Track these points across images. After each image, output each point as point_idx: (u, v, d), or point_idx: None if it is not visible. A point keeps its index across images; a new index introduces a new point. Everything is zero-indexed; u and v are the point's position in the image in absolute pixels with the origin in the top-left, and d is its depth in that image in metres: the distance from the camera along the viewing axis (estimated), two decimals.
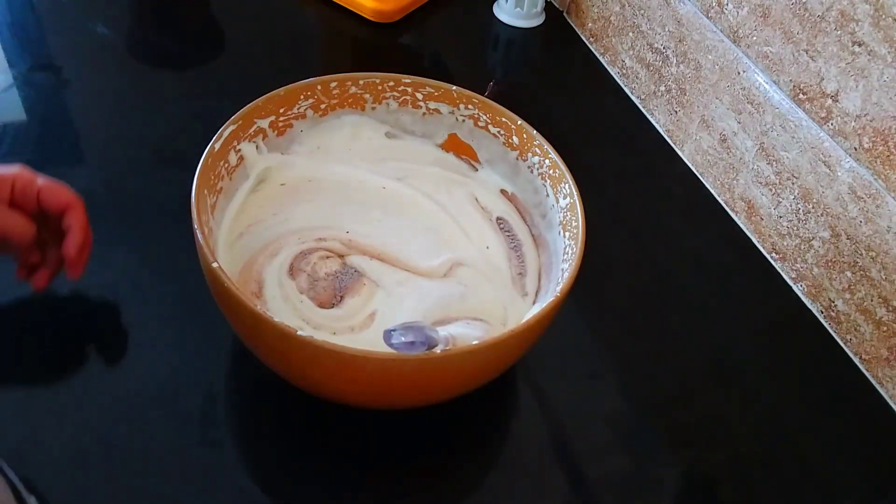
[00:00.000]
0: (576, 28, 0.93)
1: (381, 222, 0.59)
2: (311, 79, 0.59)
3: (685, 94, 0.77)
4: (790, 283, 0.68)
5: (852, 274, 0.62)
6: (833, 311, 0.64)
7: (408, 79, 0.60)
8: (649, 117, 0.83)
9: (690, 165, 0.78)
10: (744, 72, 0.69)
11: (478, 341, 0.44)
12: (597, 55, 0.90)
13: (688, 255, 0.70)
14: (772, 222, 0.69)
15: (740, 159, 0.71)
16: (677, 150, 0.79)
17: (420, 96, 0.61)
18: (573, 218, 0.53)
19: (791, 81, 0.64)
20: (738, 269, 0.70)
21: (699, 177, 0.77)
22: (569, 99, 0.86)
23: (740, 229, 0.72)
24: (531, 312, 0.53)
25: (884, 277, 0.59)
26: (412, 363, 0.44)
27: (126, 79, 0.77)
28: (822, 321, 0.65)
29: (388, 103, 0.62)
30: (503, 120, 0.59)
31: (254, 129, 0.56)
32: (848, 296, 0.62)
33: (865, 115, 0.58)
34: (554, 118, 0.79)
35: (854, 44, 0.58)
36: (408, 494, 0.50)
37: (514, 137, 0.59)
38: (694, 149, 0.77)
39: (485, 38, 0.92)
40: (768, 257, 0.70)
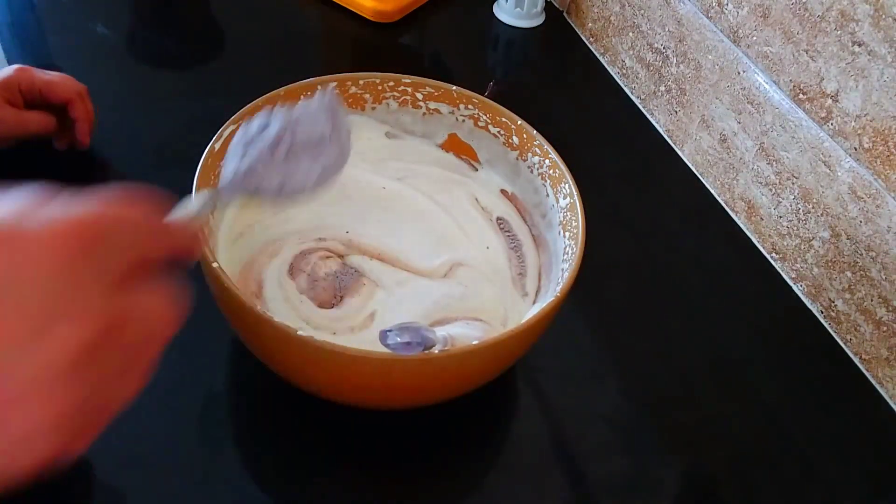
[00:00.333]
0: (576, 28, 0.93)
1: (381, 222, 0.59)
2: (311, 79, 0.59)
3: (685, 94, 0.77)
4: (790, 283, 0.68)
5: (852, 274, 0.62)
6: (833, 311, 0.64)
7: (408, 79, 0.60)
8: (649, 117, 0.83)
9: (690, 165, 0.78)
10: (744, 72, 0.69)
11: (477, 341, 0.44)
12: (597, 55, 0.90)
13: (688, 255, 0.70)
14: (772, 222, 0.69)
15: (740, 159, 0.71)
16: (677, 150, 0.79)
17: (420, 96, 0.61)
18: (573, 218, 0.53)
19: (791, 81, 0.64)
20: (738, 269, 0.70)
21: (699, 177, 0.77)
22: (569, 99, 0.86)
23: (740, 229, 0.72)
24: (531, 312, 0.53)
25: (884, 277, 0.59)
26: (412, 363, 0.44)
27: (126, 79, 0.77)
28: (822, 321, 0.65)
29: (388, 103, 0.62)
30: (503, 120, 0.59)
31: None
32: (848, 296, 0.62)
33: (865, 115, 0.58)
34: (554, 118, 0.79)
35: (854, 44, 0.58)
36: (408, 494, 0.50)
37: (514, 137, 0.59)
38: (694, 149, 0.77)
39: (485, 38, 0.92)
40: (768, 257, 0.70)
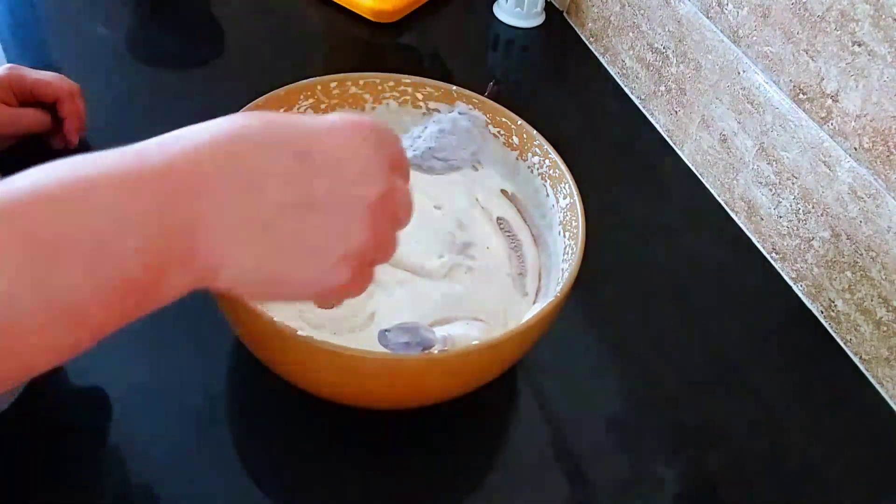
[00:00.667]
0: (576, 28, 0.93)
1: None
2: (311, 79, 0.59)
3: (685, 94, 0.77)
4: (790, 283, 0.68)
5: (852, 274, 0.62)
6: (833, 311, 0.64)
7: (408, 79, 0.60)
8: (649, 117, 0.83)
9: (690, 165, 0.78)
10: (744, 72, 0.69)
11: (477, 342, 0.44)
12: (597, 55, 0.90)
13: (688, 255, 0.70)
14: (772, 222, 0.69)
15: (740, 159, 0.71)
16: (677, 150, 0.79)
17: (420, 96, 0.61)
18: (573, 218, 0.53)
19: (791, 81, 0.64)
20: (738, 269, 0.70)
21: (699, 177, 0.77)
22: (569, 99, 0.86)
23: (740, 229, 0.72)
24: (531, 312, 0.53)
25: (884, 277, 0.59)
26: (412, 363, 0.44)
27: (126, 79, 0.77)
28: (822, 321, 0.65)
29: (388, 103, 0.62)
30: (503, 120, 0.59)
31: None
32: (848, 296, 0.62)
33: (865, 115, 0.58)
34: (554, 118, 0.79)
35: (854, 44, 0.58)
36: (408, 494, 0.50)
37: (514, 137, 0.59)
38: (694, 149, 0.77)
39: (485, 38, 0.92)
40: (768, 257, 0.70)
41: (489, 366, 0.49)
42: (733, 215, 0.73)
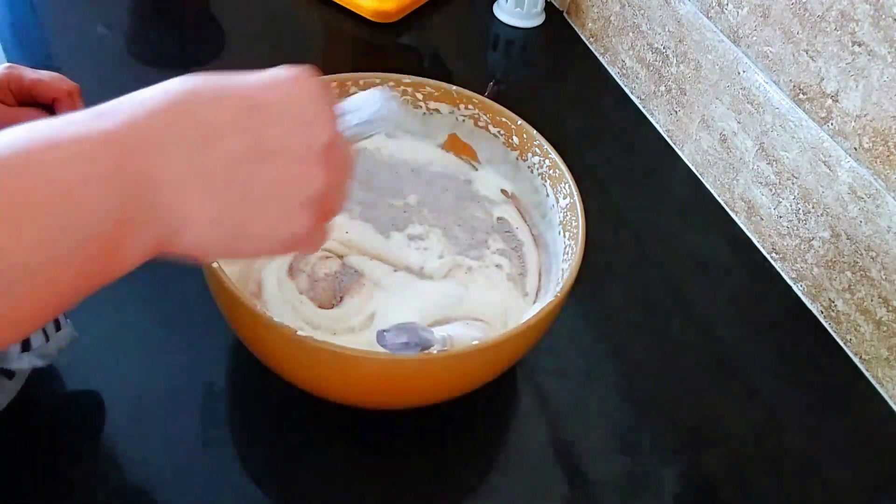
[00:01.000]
0: (576, 28, 0.93)
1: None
2: None
3: (685, 94, 0.77)
4: (790, 283, 0.68)
5: (852, 274, 0.61)
6: (833, 311, 0.64)
7: (408, 79, 0.60)
8: (649, 117, 0.83)
9: (690, 165, 0.78)
10: (744, 72, 0.69)
11: (477, 342, 0.44)
12: (597, 55, 0.90)
13: (688, 255, 0.70)
14: (772, 222, 0.69)
15: (740, 159, 0.71)
16: (677, 150, 0.79)
17: (420, 96, 0.61)
18: (573, 218, 0.53)
19: (791, 81, 0.64)
20: (738, 269, 0.70)
21: (699, 177, 0.77)
22: (569, 99, 0.86)
23: (740, 229, 0.72)
24: (531, 312, 0.53)
25: (884, 277, 0.59)
26: (412, 364, 0.44)
27: (126, 79, 0.77)
28: (822, 321, 0.65)
29: None
30: (503, 120, 0.59)
31: None
32: (848, 296, 0.62)
33: (865, 115, 0.58)
34: (554, 118, 0.79)
35: (854, 44, 0.58)
36: (408, 494, 0.50)
37: (514, 137, 0.59)
38: (694, 149, 0.77)
39: (485, 38, 0.92)
40: (768, 257, 0.70)
41: (489, 366, 0.49)
42: (733, 215, 0.73)
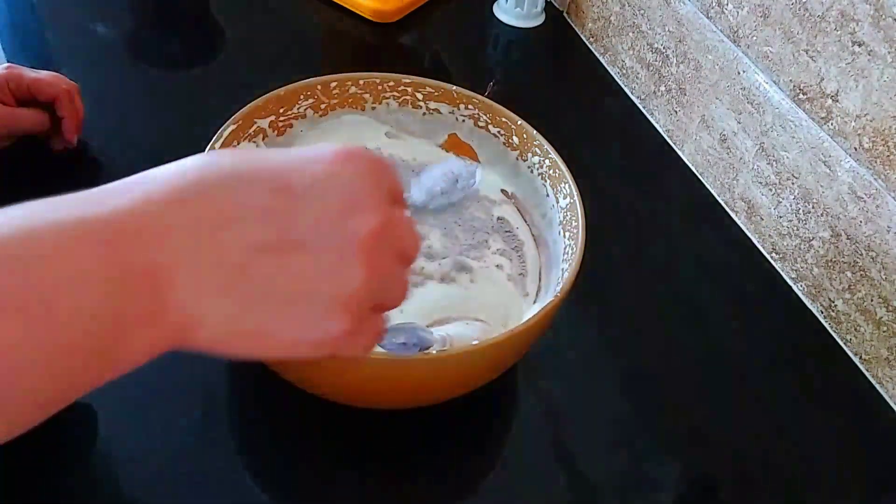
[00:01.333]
0: (576, 28, 0.93)
1: None
2: (311, 79, 0.59)
3: (685, 94, 0.77)
4: (790, 283, 0.68)
5: (852, 274, 0.61)
6: (833, 311, 0.64)
7: (408, 79, 0.60)
8: (649, 117, 0.83)
9: (690, 165, 0.78)
10: (744, 72, 0.69)
11: (477, 342, 0.44)
12: (597, 55, 0.90)
13: (688, 255, 0.70)
14: (772, 222, 0.69)
15: (740, 159, 0.71)
16: (677, 150, 0.79)
17: (420, 96, 0.61)
18: (573, 218, 0.53)
19: (791, 81, 0.64)
20: (738, 269, 0.70)
21: (699, 177, 0.77)
22: (569, 99, 0.86)
23: (740, 229, 0.72)
24: (531, 312, 0.53)
25: (884, 277, 0.59)
26: (412, 364, 0.44)
27: (126, 79, 0.77)
28: (822, 321, 0.65)
29: (388, 103, 0.62)
30: (503, 120, 0.59)
31: (254, 128, 0.56)
32: (848, 296, 0.62)
33: (865, 115, 0.58)
34: (554, 118, 0.79)
35: (854, 44, 0.58)
36: (408, 494, 0.50)
37: (514, 137, 0.59)
38: (694, 149, 0.77)
39: (485, 38, 0.92)
40: (768, 257, 0.70)
41: (489, 366, 0.49)
42: (733, 215, 0.73)
